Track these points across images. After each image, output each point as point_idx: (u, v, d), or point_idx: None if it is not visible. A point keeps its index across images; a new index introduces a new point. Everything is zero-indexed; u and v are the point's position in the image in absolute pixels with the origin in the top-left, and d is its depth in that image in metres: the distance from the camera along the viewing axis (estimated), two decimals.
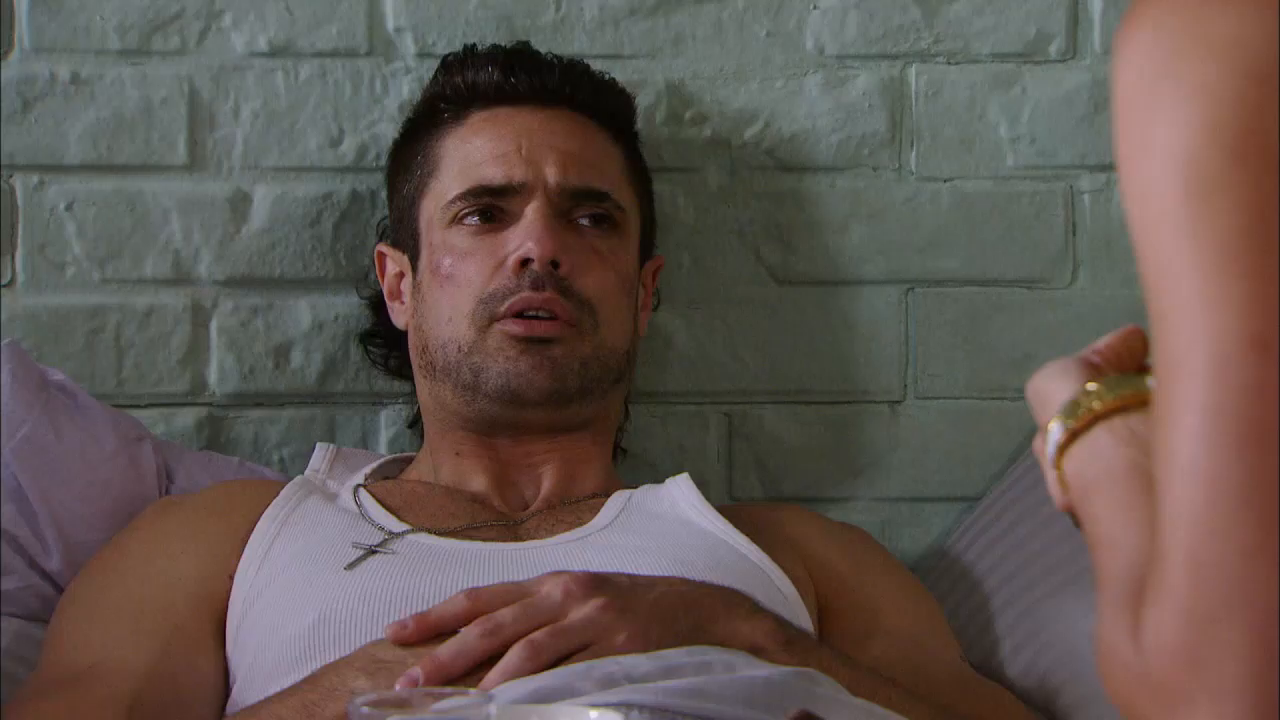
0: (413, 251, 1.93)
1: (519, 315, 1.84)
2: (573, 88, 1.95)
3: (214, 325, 2.05)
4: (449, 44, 2.06)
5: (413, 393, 2.04)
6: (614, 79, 2.01)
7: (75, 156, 2.03)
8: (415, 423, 2.04)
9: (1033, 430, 2.20)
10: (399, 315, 1.96)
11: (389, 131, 2.06)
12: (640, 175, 1.99)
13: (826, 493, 2.10)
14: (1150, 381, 1.10)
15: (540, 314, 1.84)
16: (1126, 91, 1.00)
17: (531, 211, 1.87)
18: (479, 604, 1.59)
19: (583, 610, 1.57)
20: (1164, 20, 0.98)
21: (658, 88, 2.09)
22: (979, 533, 2.03)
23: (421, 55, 2.07)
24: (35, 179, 2.03)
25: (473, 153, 1.90)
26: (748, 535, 1.81)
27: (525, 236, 1.85)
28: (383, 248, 1.98)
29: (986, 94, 2.12)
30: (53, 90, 2.03)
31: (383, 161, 2.06)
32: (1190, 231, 0.95)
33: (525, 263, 1.84)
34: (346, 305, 2.07)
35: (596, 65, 2.01)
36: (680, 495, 1.86)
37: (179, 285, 2.05)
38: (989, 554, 2.00)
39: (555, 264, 1.84)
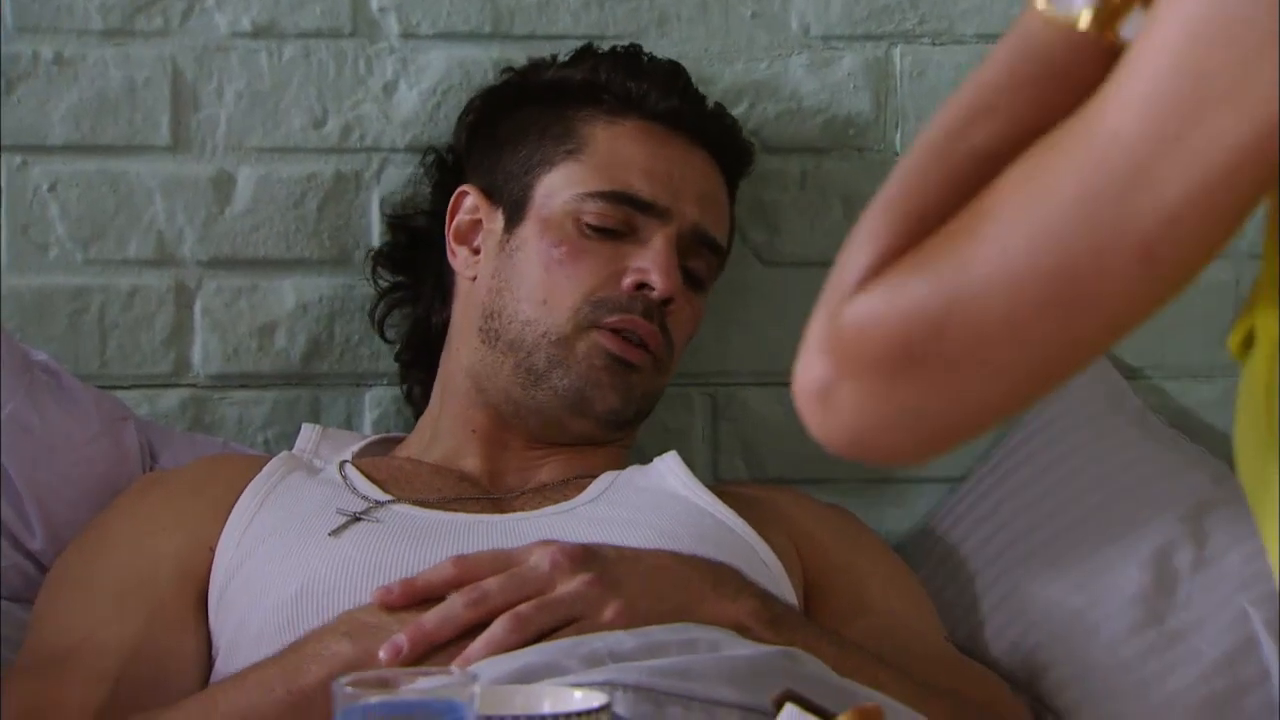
0: (513, 212, 1.90)
1: (616, 332, 1.84)
2: (723, 139, 1.97)
3: (198, 306, 2.05)
4: (433, 25, 2.06)
5: (398, 371, 2.04)
6: (750, 140, 2.03)
7: (58, 137, 2.03)
8: (411, 392, 2.03)
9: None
10: (466, 264, 1.93)
11: (373, 112, 2.05)
12: (733, 234, 2.00)
13: (811, 474, 2.10)
14: None
15: (634, 339, 1.85)
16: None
17: (662, 241, 1.86)
18: (466, 571, 1.59)
19: (570, 584, 1.57)
20: None
21: None
22: (964, 513, 2.04)
23: (405, 36, 2.06)
24: (18, 160, 2.02)
25: (626, 157, 1.89)
26: (735, 510, 1.81)
27: (653, 265, 1.85)
28: (469, 190, 1.94)
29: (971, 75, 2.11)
30: (36, 71, 2.02)
31: (366, 142, 2.05)
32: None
33: (641, 287, 1.85)
34: (331, 286, 2.06)
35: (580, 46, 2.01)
36: (668, 470, 1.86)
37: (163, 266, 2.04)
38: (974, 534, 2.01)
39: (666, 301, 1.86)
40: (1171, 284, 0.93)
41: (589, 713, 1.26)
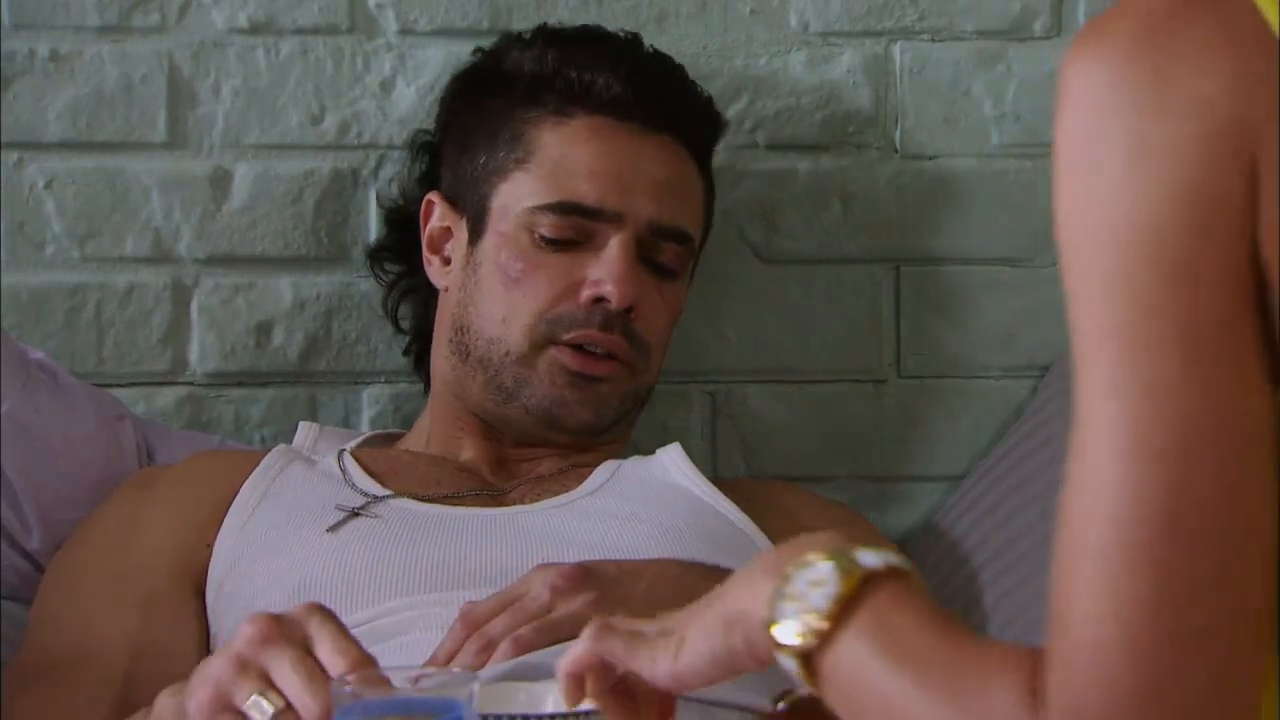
0: (475, 223, 1.89)
1: (577, 347, 1.83)
2: (682, 116, 1.92)
3: (195, 304, 2.04)
4: (430, 21, 2.06)
5: (398, 371, 2.04)
6: (712, 100, 1.99)
7: (55, 134, 2.02)
8: (419, 365, 2.01)
9: (1020, 407, 2.20)
10: (438, 274, 1.92)
11: (370, 108, 2.05)
12: (710, 206, 1.98)
13: (810, 472, 2.09)
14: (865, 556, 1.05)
15: (597, 351, 1.83)
16: (1072, 143, 0.95)
17: (617, 246, 1.83)
18: (476, 622, 1.57)
19: (571, 607, 1.55)
20: (1122, 68, 0.93)
21: None
22: (964, 510, 2.03)
23: (403, 32, 2.06)
24: (15, 157, 2.02)
25: (573, 162, 1.85)
26: (737, 504, 1.81)
27: (607, 275, 1.82)
28: (435, 199, 1.93)
29: (971, 72, 2.11)
30: (32, 67, 2.02)
31: (364, 139, 2.05)
32: (1154, 310, 0.92)
33: (598, 300, 1.83)
34: (328, 283, 2.06)
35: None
36: (670, 462, 1.86)
37: (159, 264, 2.04)
38: (975, 531, 2.00)
39: (628, 308, 1.83)
40: None
41: (590, 711, 1.26)
